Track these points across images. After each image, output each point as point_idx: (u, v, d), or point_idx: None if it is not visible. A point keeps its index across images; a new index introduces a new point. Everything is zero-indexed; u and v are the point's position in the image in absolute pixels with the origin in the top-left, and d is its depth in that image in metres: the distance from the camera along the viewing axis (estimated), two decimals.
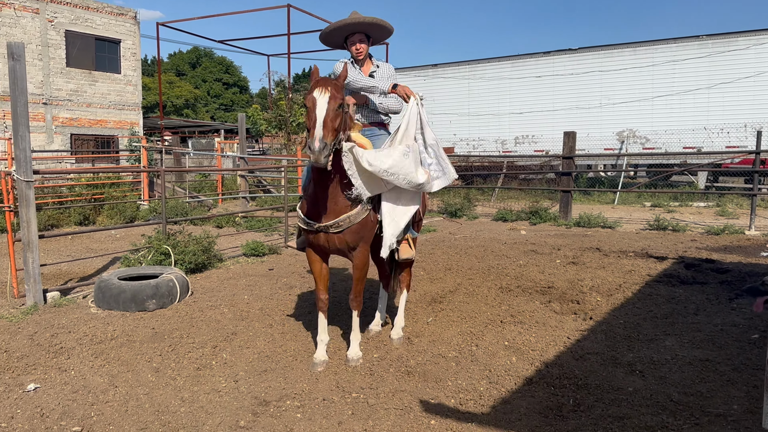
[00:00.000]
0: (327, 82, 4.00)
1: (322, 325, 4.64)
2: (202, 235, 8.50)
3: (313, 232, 4.37)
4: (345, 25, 4.74)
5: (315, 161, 3.77)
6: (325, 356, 4.58)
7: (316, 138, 3.74)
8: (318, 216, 4.27)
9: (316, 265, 4.60)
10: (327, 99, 3.88)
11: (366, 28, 4.81)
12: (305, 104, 4.01)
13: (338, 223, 4.23)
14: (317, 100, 3.89)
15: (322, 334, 4.63)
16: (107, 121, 25.01)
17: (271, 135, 26.35)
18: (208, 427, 3.60)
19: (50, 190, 15.84)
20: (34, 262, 6.26)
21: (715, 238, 10.45)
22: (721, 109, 18.35)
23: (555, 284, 6.94)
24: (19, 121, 6.05)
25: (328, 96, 3.90)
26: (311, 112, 3.89)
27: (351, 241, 4.36)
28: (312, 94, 3.94)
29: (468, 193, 16.99)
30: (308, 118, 3.93)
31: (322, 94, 3.90)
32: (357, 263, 4.52)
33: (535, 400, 3.93)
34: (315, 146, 3.72)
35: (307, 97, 3.97)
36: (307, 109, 3.96)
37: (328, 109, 3.86)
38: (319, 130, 3.78)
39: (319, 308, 4.64)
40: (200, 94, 66.71)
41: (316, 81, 4.03)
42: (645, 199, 17.47)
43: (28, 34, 22.25)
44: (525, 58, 22.37)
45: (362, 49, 4.86)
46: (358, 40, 4.83)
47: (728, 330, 5.21)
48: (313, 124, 3.82)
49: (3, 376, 4.38)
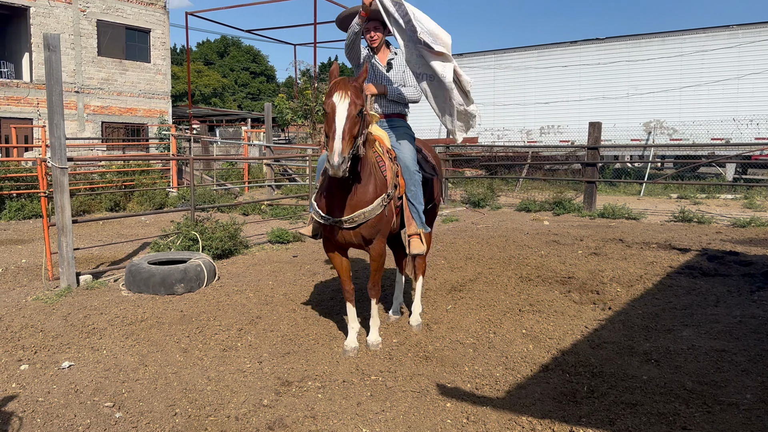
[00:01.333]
0: (347, 84, 3.88)
1: (351, 314, 4.74)
2: (228, 222, 8.70)
3: (328, 227, 4.38)
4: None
5: (334, 175, 3.72)
6: (356, 343, 4.66)
7: (335, 153, 3.67)
8: (333, 211, 4.26)
9: (336, 258, 4.62)
10: (347, 105, 3.80)
11: (380, 15, 4.52)
12: (324, 108, 3.93)
13: (353, 219, 4.21)
14: (337, 106, 3.81)
15: (352, 322, 4.73)
16: (137, 109, 25.45)
17: (297, 124, 26.59)
18: (233, 404, 3.77)
19: (82, 177, 16.25)
20: (67, 246, 6.50)
21: (741, 230, 10.35)
22: (750, 100, 18.03)
23: (575, 274, 6.98)
24: (54, 110, 6.27)
25: (347, 102, 3.81)
26: (330, 120, 3.82)
27: (367, 235, 4.34)
28: (331, 98, 3.84)
29: (491, 183, 16.99)
30: (327, 124, 3.87)
31: (341, 100, 3.81)
32: (374, 255, 4.53)
33: (549, 386, 4.02)
34: (334, 161, 3.65)
35: (326, 101, 3.89)
36: (326, 114, 3.89)
37: (348, 117, 3.78)
38: (338, 143, 3.70)
39: (347, 298, 4.73)
40: (228, 83, 67.30)
41: (335, 83, 3.91)
42: (671, 190, 17.28)
43: (61, 24, 22.71)
44: (551, 47, 22.18)
45: (377, 37, 4.75)
46: (372, 27, 4.69)
47: (747, 321, 5.22)
48: (333, 135, 3.74)
49: (39, 354, 4.61)
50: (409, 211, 4.71)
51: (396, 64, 4.84)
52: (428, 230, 4.99)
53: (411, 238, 4.70)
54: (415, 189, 4.71)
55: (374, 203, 4.24)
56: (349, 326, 4.75)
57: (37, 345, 4.79)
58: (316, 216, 4.40)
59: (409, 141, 4.86)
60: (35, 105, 22.18)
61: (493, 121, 23.46)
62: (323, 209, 4.33)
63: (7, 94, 21.72)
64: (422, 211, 4.79)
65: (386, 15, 4.32)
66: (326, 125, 3.87)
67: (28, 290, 6.56)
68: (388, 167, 4.48)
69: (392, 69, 4.85)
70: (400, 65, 4.82)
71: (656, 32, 19.90)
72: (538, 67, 22.27)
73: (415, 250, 4.72)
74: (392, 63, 4.85)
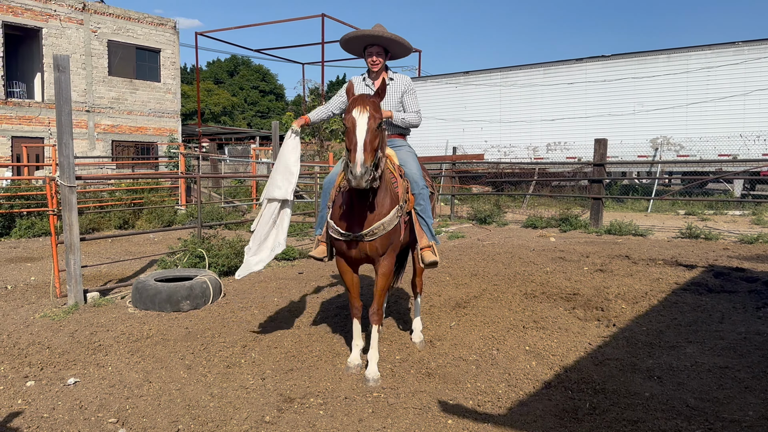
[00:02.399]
0: (365, 100, 4.00)
1: (357, 331, 4.75)
2: (235, 239, 8.76)
3: (346, 242, 4.41)
4: (364, 36, 4.81)
5: (357, 186, 3.78)
6: (360, 360, 4.69)
7: (358, 163, 3.75)
8: (353, 227, 4.31)
9: (347, 275, 4.66)
10: (367, 119, 3.90)
11: (385, 42, 4.83)
12: (344, 124, 4.00)
13: (373, 231, 4.28)
14: (357, 120, 3.91)
15: (357, 340, 4.74)
16: (147, 128, 25.72)
17: (305, 142, 26.75)
18: (236, 421, 3.79)
19: (92, 195, 16.41)
20: (75, 264, 6.57)
21: (749, 246, 10.31)
22: (757, 116, 18.00)
23: (580, 291, 6.98)
24: (63, 130, 6.37)
25: (367, 116, 3.91)
26: (351, 134, 3.90)
27: (381, 247, 4.40)
28: (351, 113, 3.94)
29: (498, 200, 17.01)
30: (348, 139, 3.94)
31: (361, 114, 3.91)
32: (384, 271, 4.53)
33: (552, 403, 4.02)
34: (357, 171, 3.73)
35: (346, 116, 3.98)
36: (347, 129, 3.97)
37: (368, 130, 3.87)
38: (360, 154, 3.78)
39: (354, 315, 4.73)
40: (237, 102, 67.92)
41: (354, 99, 4.03)
42: (679, 207, 17.25)
43: (72, 45, 23.06)
44: (557, 65, 22.29)
45: (378, 62, 4.89)
46: (375, 52, 4.86)
47: (752, 338, 5.20)
48: (354, 147, 3.83)
49: (45, 371, 4.65)
50: (420, 226, 4.77)
51: (390, 90, 4.94)
52: (439, 243, 5.06)
53: (423, 251, 4.74)
54: (424, 203, 4.79)
55: (390, 214, 4.34)
56: (354, 343, 4.77)
57: (43, 361, 4.84)
58: (336, 234, 4.41)
59: (413, 158, 4.97)
60: (46, 124, 22.47)
61: (499, 137, 23.54)
62: (342, 227, 4.36)
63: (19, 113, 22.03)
64: (431, 224, 4.85)
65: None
66: (347, 140, 3.95)
67: (36, 307, 6.62)
68: (399, 183, 4.58)
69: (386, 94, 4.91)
70: (396, 91, 4.95)
71: (662, 49, 19.97)
72: (544, 84, 22.37)
73: (429, 259, 4.73)
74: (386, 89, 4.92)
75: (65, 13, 22.79)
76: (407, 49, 4.95)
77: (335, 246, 4.59)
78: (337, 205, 4.44)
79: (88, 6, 23.54)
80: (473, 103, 24.00)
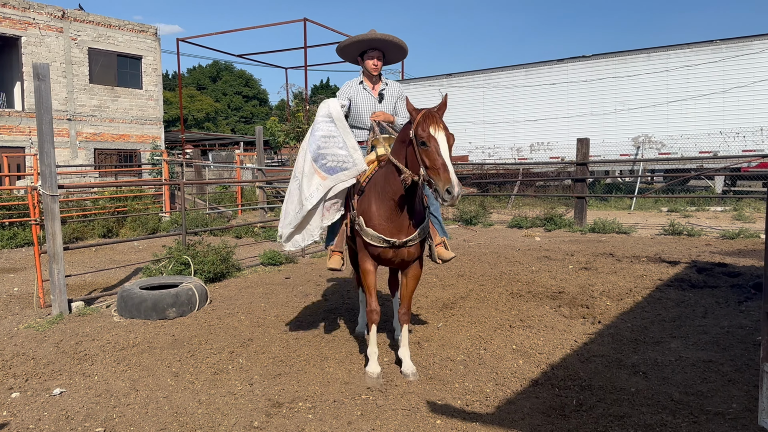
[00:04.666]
0: (437, 116, 3.88)
1: (373, 336, 4.60)
2: (220, 246, 8.72)
3: (386, 248, 4.38)
4: (365, 40, 4.85)
5: (452, 204, 3.71)
6: (379, 368, 4.53)
7: (455, 184, 3.62)
8: (398, 233, 4.31)
9: (371, 277, 4.55)
10: (445, 137, 3.81)
11: (385, 45, 4.90)
12: (423, 142, 3.80)
13: (417, 236, 4.36)
14: (438, 139, 3.77)
15: (373, 346, 4.58)
16: (129, 135, 25.55)
17: (290, 146, 26.70)
18: (224, 427, 3.78)
19: (75, 204, 16.26)
20: (59, 274, 6.52)
21: (730, 242, 10.44)
22: (736, 113, 18.26)
23: (566, 289, 7.03)
24: (44, 138, 6.32)
25: (445, 134, 3.82)
26: (434, 153, 3.75)
27: (416, 252, 4.49)
28: (429, 131, 3.79)
29: (483, 201, 17.08)
30: (428, 158, 3.78)
31: (439, 131, 3.79)
32: (415, 273, 4.59)
33: (539, 400, 4.05)
34: (456, 192, 3.62)
35: (423, 134, 3.80)
36: (426, 148, 3.79)
37: (450, 147, 3.81)
38: (453, 174, 3.66)
39: (374, 321, 4.56)
40: (221, 108, 67.66)
41: (425, 115, 3.87)
42: (662, 204, 17.42)
43: (52, 53, 22.87)
44: (539, 65, 22.45)
45: (379, 65, 4.97)
46: (375, 56, 4.93)
47: (734, 332, 5.27)
48: (444, 167, 3.69)
49: (30, 382, 4.61)
50: (432, 224, 4.82)
51: (387, 95, 5.03)
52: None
53: (437, 247, 4.80)
54: (436, 203, 4.86)
55: (426, 219, 4.47)
56: (370, 351, 4.57)
57: (28, 372, 4.80)
58: (378, 242, 4.35)
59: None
60: (27, 133, 22.24)
61: (483, 139, 23.65)
62: (386, 234, 4.33)
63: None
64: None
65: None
66: (427, 158, 3.80)
67: (20, 318, 6.56)
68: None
69: (384, 99, 5.03)
70: (392, 96, 5.04)
71: (642, 48, 20.19)
72: (527, 85, 22.52)
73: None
74: (383, 94, 5.03)
75: (44, 21, 22.59)
76: (404, 52, 5.05)
77: (370, 252, 4.49)
78: (372, 213, 4.39)
79: (68, 14, 23.35)
80: (456, 105, 24.08)
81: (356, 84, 5.05)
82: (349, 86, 5.04)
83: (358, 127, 5.06)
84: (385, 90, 5.04)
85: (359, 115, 5.01)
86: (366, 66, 5.00)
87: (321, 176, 4.55)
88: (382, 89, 5.04)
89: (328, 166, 4.55)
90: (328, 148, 4.56)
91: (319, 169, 4.56)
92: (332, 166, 4.54)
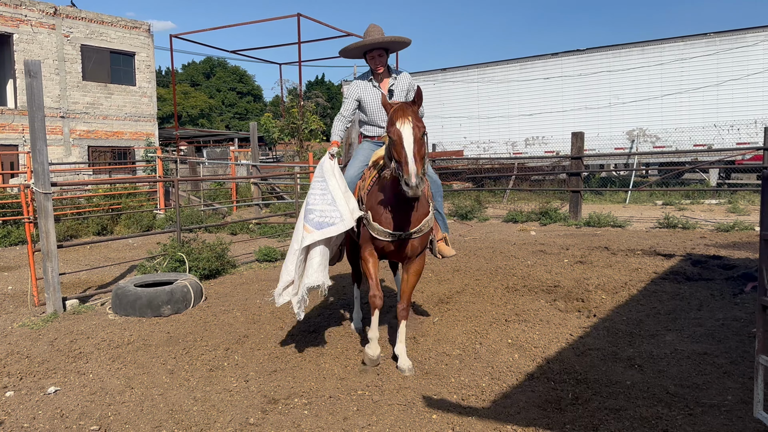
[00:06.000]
0: (406, 110, 4.07)
1: (375, 323, 4.72)
2: (215, 242, 8.70)
3: (391, 241, 4.51)
4: (367, 45, 4.93)
5: (413, 195, 3.90)
6: (379, 349, 4.70)
7: (412, 175, 3.85)
8: (403, 226, 4.44)
9: (372, 265, 4.66)
10: (411, 129, 3.98)
11: (386, 44, 5.00)
12: (390, 137, 4.07)
13: (421, 228, 4.49)
14: (402, 132, 3.98)
15: (374, 331, 4.71)
16: (123, 132, 25.44)
17: (284, 142, 26.65)
18: (219, 424, 3.77)
19: (68, 202, 16.19)
20: (53, 272, 6.49)
21: (725, 234, 10.46)
22: (730, 106, 18.29)
23: (561, 283, 7.04)
24: (36, 136, 6.29)
25: (411, 126, 3.99)
26: (399, 146, 3.97)
27: (420, 245, 4.63)
28: (395, 125, 4.01)
29: (478, 196, 17.09)
30: (396, 151, 4.01)
31: (404, 125, 3.99)
32: (417, 269, 4.72)
33: (534, 394, 4.06)
34: (412, 182, 3.83)
35: (391, 129, 4.05)
36: (393, 142, 4.04)
37: (415, 140, 3.97)
38: (412, 165, 3.87)
39: (377, 306, 4.66)
40: (215, 104, 67.42)
41: (395, 110, 4.10)
42: (656, 197, 17.45)
43: (44, 50, 22.73)
44: (533, 60, 22.43)
45: (381, 63, 5.04)
46: (377, 55, 5.00)
47: (729, 324, 5.29)
48: (405, 160, 3.90)
49: (25, 380, 4.59)
50: (435, 219, 4.94)
51: (397, 89, 5.08)
52: (450, 233, 5.37)
53: (439, 243, 5.02)
54: (440, 199, 5.07)
55: (430, 213, 4.59)
56: (371, 334, 4.70)
57: (22, 371, 4.78)
58: (383, 236, 4.48)
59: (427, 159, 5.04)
60: (20, 131, 22.12)
61: (478, 133, 23.64)
62: (390, 227, 4.46)
63: None
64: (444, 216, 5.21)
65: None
66: (395, 152, 4.02)
67: (14, 317, 6.53)
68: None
69: (393, 95, 5.07)
70: (402, 90, 5.10)
71: (636, 42, 20.19)
72: (521, 79, 22.51)
73: (448, 254, 5.10)
74: (393, 90, 5.08)
75: (36, 18, 22.44)
76: (406, 44, 5.11)
77: (375, 245, 4.60)
78: (379, 208, 4.50)
79: (60, 11, 23.21)
80: (451, 99, 24.08)
81: (364, 83, 5.13)
82: (357, 86, 5.14)
83: (370, 124, 5.20)
84: (395, 85, 5.08)
85: (371, 113, 5.12)
86: (370, 66, 5.10)
87: (308, 230, 4.63)
88: (391, 84, 5.09)
89: (316, 222, 4.63)
90: (317, 204, 4.71)
91: (307, 224, 4.65)
92: (319, 221, 4.62)
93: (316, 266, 4.54)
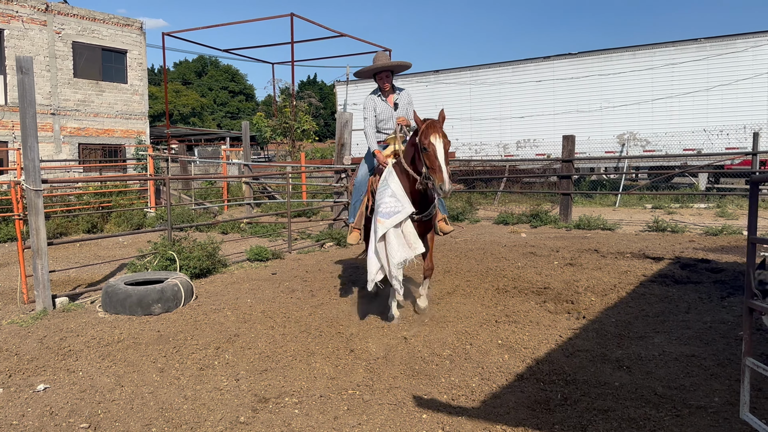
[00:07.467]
0: (437, 127, 5.07)
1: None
2: (206, 241, 8.68)
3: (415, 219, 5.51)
4: (378, 68, 6.12)
5: (444, 197, 5.14)
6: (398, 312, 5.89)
7: (446, 182, 4.86)
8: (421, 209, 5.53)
9: None
10: (443, 143, 5.01)
11: (392, 67, 6.20)
12: (425, 147, 4.99)
13: (431, 211, 5.66)
14: (437, 145, 4.97)
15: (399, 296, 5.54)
16: (114, 130, 25.31)
17: (276, 142, 26.62)
18: (210, 422, 3.77)
19: (59, 199, 16.09)
20: (43, 269, 6.46)
21: (713, 238, 10.56)
22: (720, 111, 18.43)
23: (551, 285, 7.08)
24: (27, 132, 6.26)
25: (443, 141, 5.01)
26: (433, 157, 4.94)
27: (430, 223, 5.85)
28: (430, 139, 4.97)
29: (470, 197, 17.14)
30: (429, 160, 4.97)
31: (437, 139, 4.99)
32: (431, 238, 6.01)
33: (524, 395, 4.08)
34: (446, 188, 4.86)
35: (425, 141, 4.99)
36: (427, 152, 4.98)
37: (446, 152, 4.99)
38: (446, 174, 4.88)
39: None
40: (207, 103, 67.21)
41: (428, 125, 5.07)
42: (646, 201, 17.56)
43: (36, 46, 22.59)
44: (525, 63, 22.51)
45: (388, 82, 6.19)
46: (385, 76, 6.18)
47: (717, 327, 5.34)
48: (439, 168, 4.90)
49: (14, 378, 4.57)
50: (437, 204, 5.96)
51: (401, 103, 6.26)
52: (448, 214, 6.58)
53: (440, 222, 6.14)
54: None
55: (436, 200, 5.70)
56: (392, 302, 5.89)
57: (11, 368, 4.75)
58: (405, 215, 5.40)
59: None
60: (10, 128, 21.96)
61: (470, 135, 23.69)
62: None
63: None
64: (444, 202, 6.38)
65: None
66: (427, 159, 5.02)
67: (3, 314, 6.49)
68: None
69: (399, 108, 6.24)
70: (405, 104, 6.29)
71: (627, 46, 20.30)
72: (513, 82, 22.58)
73: (446, 230, 6.25)
74: (398, 103, 6.25)
75: (27, 14, 22.29)
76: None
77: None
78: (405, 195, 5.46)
79: (52, 7, 23.07)
80: (443, 101, 24.06)
81: (376, 97, 6.26)
82: (372, 100, 6.25)
83: (379, 131, 6.27)
84: (399, 99, 6.25)
85: (381, 122, 6.25)
86: (379, 84, 6.25)
87: (380, 222, 5.41)
88: (396, 99, 6.25)
89: (385, 212, 5.40)
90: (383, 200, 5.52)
91: (379, 217, 5.41)
92: (387, 212, 5.39)
93: (397, 246, 5.21)
